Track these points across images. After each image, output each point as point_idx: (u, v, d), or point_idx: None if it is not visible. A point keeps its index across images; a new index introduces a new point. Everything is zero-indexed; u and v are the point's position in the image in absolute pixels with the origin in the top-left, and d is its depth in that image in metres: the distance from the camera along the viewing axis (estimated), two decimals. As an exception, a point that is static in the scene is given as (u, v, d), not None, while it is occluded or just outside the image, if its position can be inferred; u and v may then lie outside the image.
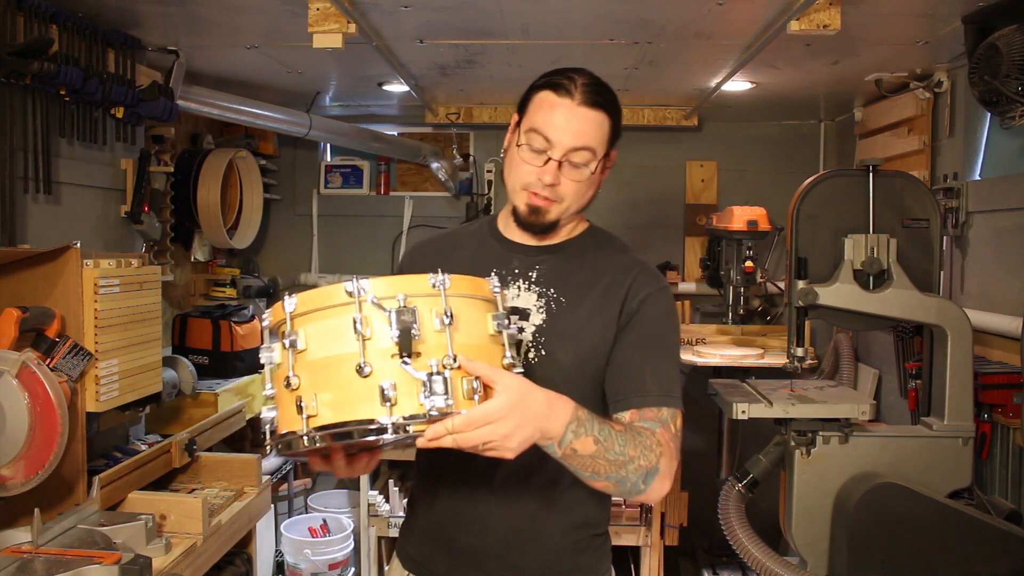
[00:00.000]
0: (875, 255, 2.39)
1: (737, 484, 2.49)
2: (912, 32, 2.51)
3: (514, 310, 1.41)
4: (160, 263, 2.96)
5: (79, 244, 2.03)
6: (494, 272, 1.35)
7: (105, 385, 2.07)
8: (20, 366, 1.77)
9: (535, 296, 1.44)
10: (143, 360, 2.24)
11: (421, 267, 1.22)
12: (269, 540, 3.67)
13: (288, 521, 3.85)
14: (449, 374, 1.09)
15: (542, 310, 1.43)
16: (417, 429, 1.08)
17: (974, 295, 2.73)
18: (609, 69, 2.98)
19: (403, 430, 1.07)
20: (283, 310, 1.16)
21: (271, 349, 1.16)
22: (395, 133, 4.28)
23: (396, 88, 3.46)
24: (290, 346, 1.13)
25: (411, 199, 4.32)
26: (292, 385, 1.11)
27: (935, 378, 2.43)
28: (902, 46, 2.66)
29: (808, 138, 4.18)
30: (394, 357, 1.09)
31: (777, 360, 3.42)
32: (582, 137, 1.37)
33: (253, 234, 3.83)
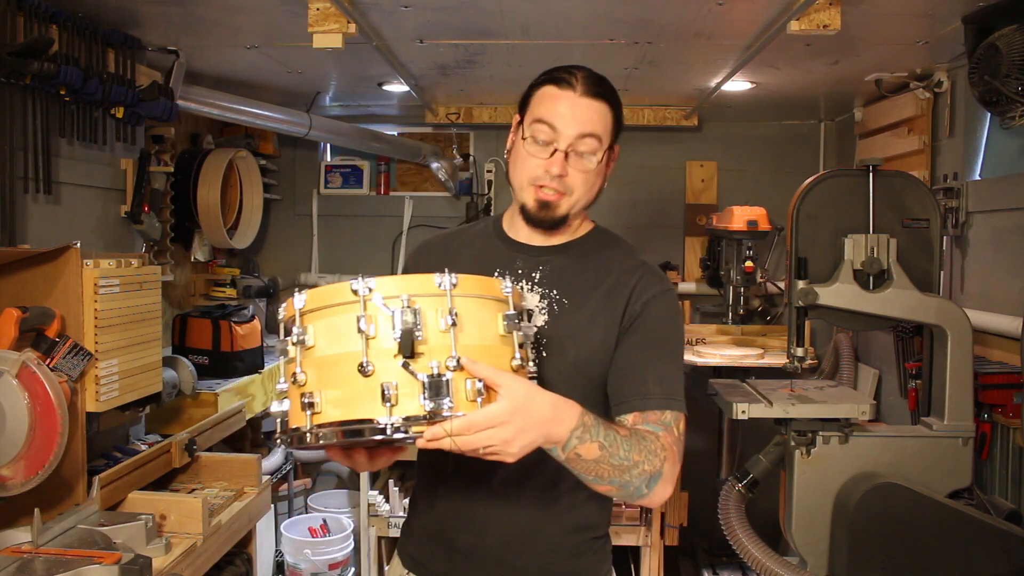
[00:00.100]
0: (875, 255, 2.39)
1: (737, 484, 2.49)
2: (912, 32, 2.51)
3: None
4: (160, 263, 2.96)
5: (79, 244, 2.03)
6: (498, 272, 1.34)
7: (105, 385, 2.07)
8: (20, 366, 1.76)
9: (538, 297, 1.43)
10: (143, 360, 2.24)
11: (426, 266, 1.22)
12: (269, 540, 3.67)
13: (288, 521, 3.85)
14: (451, 376, 1.08)
15: (544, 311, 1.42)
16: (416, 430, 1.08)
17: (974, 295, 2.73)
18: (609, 69, 2.91)
19: (402, 431, 1.07)
20: (294, 306, 1.16)
21: (285, 343, 1.16)
22: (395, 133, 4.28)
23: (396, 88, 3.46)
24: (298, 342, 1.13)
25: (411, 199, 4.31)
26: (299, 381, 1.12)
27: (935, 378, 2.43)
28: (902, 46, 2.66)
29: (808, 138, 4.18)
30: (396, 357, 1.08)
31: (777, 360, 3.42)
32: (587, 124, 1.37)
33: (253, 234, 3.83)
